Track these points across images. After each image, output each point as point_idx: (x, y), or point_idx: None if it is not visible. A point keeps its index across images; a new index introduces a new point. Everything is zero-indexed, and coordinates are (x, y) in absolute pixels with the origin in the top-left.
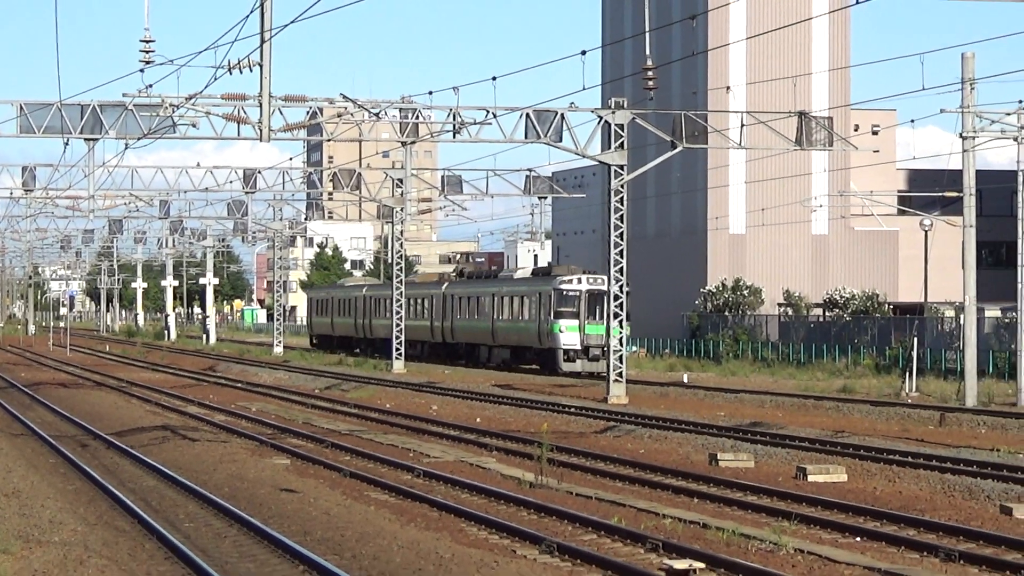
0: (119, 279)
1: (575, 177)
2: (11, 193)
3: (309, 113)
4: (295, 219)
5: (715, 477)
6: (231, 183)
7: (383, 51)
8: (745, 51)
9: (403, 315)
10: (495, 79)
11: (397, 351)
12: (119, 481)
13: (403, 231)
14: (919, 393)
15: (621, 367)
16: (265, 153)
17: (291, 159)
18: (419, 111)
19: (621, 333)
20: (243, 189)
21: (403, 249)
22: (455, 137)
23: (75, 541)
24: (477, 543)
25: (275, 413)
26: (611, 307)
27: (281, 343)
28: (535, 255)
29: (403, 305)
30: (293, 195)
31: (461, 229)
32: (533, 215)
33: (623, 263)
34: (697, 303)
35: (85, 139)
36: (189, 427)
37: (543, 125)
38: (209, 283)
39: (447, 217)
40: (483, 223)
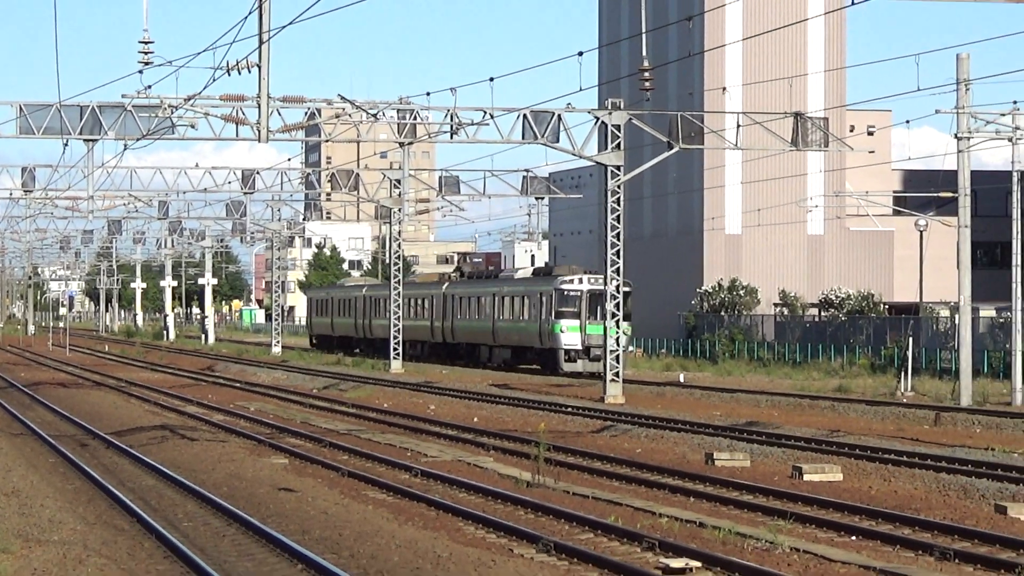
0: (118, 279)
1: (572, 178)
2: (11, 194)
3: (307, 114)
4: (293, 219)
5: (711, 476)
6: (230, 184)
7: (381, 52)
8: (741, 52)
9: (402, 315)
10: (492, 80)
11: (395, 351)
12: (118, 480)
13: (401, 231)
14: (914, 393)
15: (618, 367)
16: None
17: (289, 160)
18: (417, 112)
19: (618, 333)
20: (241, 190)
21: (401, 249)
22: (452, 138)
23: (74, 540)
24: (474, 542)
25: (273, 413)
26: (608, 307)
27: (279, 343)
28: (532, 255)
29: (403, 305)
30: (291, 196)
31: (458, 230)
32: (530, 215)
33: (620, 263)
34: (693, 303)
35: (84, 140)
36: (188, 427)
37: (540, 126)
38: (208, 283)
39: (444, 217)
40: (480, 223)
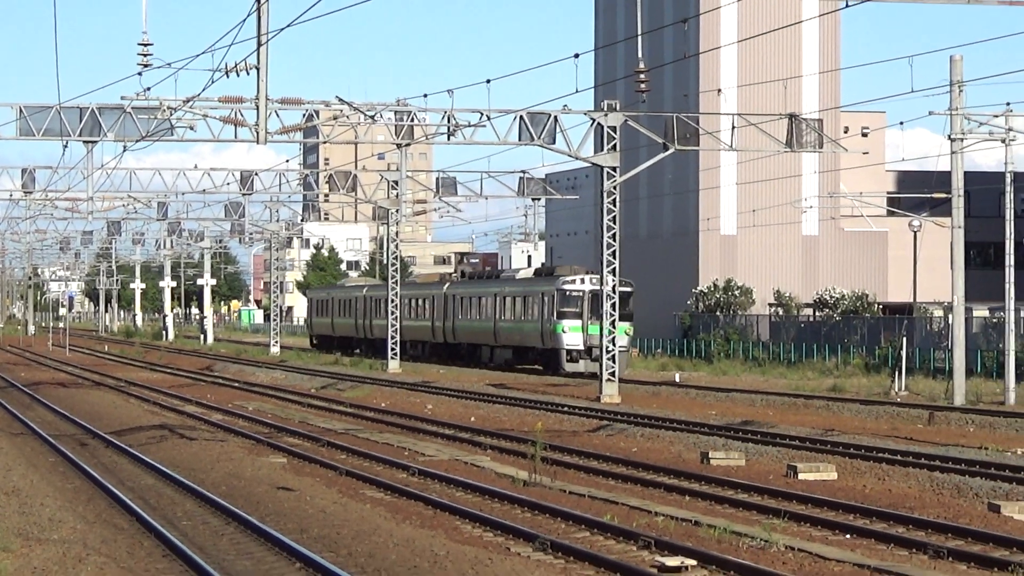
0: (118, 280)
1: (568, 179)
2: (11, 195)
3: (305, 116)
4: (291, 220)
5: (707, 475)
6: (228, 185)
7: (378, 54)
8: (736, 54)
9: (399, 315)
10: (489, 82)
11: (393, 351)
12: (118, 480)
13: (398, 232)
14: (908, 392)
15: (614, 367)
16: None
17: (287, 161)
18: (414, 114)
19: (613, 333)
20: (240, 191)
21: (398, 250)
22: (449, 139)
23: (74, 539)
24: (471, 541)
25: (272, 412)
26: (605, 307)
27: (278, 343)
28: (529, 256)
29: (402, 305)
30: (289, 197)
31: (456, 230)
32: (527, 216)
33: (616, 264)
34: (689, 303)
35: (84, 141)
36: (187, 426)
37: (536, 127)
38: (207, 284)
39: (442, 219)
40: (477, 224)
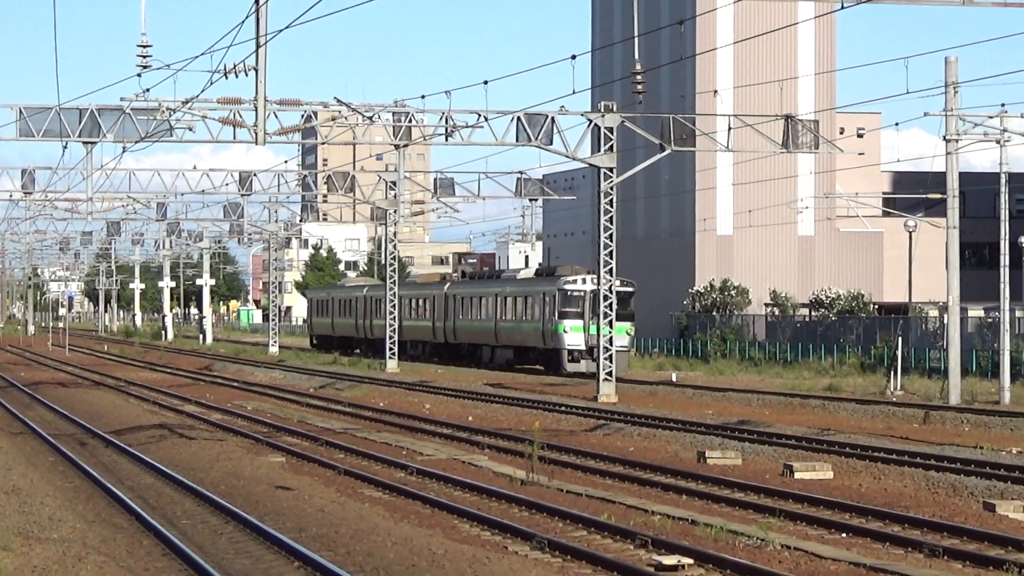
0: (117, 280)
1: (565, 179)
2: (11, 196)
3: (304, 117)
4: (290, 221)
5: (703, 474)
6: (227, 186)
7: (376, 56)
8: (732, 55)
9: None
10: (487, 83)
11: (391, 351)
12: (117, 479)
13: (396, 233)
14: (903, 392)
15: (611, 366)
16: (260, 156)
17: (286, 162)
18: (412, 115)
19: (610, 332)
20: (239, 191)
21: (396, 250)
22: (447, 140)
23: (74, 538)
24: (469, 539)
25: (270, 412)
26: (601, 307)
27: (276, 343)
28: (526, 256)
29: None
30: (288, 197)
31: (453, 231)
32: (524, 217)
33: (612, 264)
34: (685, 303)
35: (83, 142)
36: (186, 426)
37: (534, 128)
38: (206, 284)
39: (439, 219)
40: (475, 225)
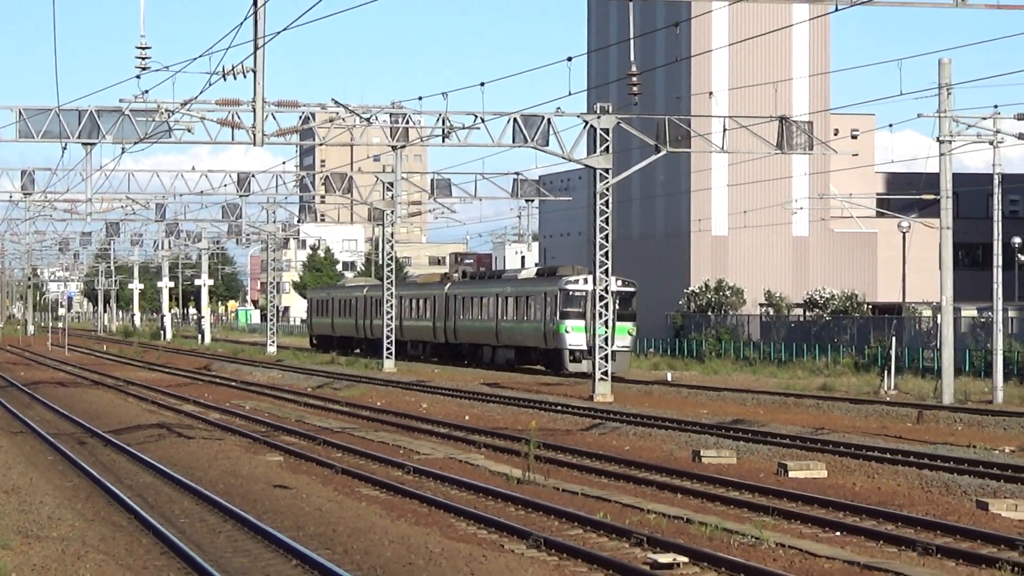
0: (116, 280)
1: (561, 180)
2: (10, 196)
3: (302, 118)
4: (288, 222)
5: (698, 473)
6: (225, 186)
7: (374, 58)
8: (727, 57)
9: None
10: (483, 85)
11: (388, 350)
12: (116, 478)
13: (393, 233)
14: (897, 391)
15: (606, 366)
16: (259, 157)
17: (284, 163)
18: (409, 116)
19: (606, 332)
20: (237, 192)
21: (393, 251)
22: (444, 141)
23: (73, 536)
24: (466, 538)
25: (268, 411)
26: (597, 307)
27: (274, 343)
28: (523, 257)
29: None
30: (286, 198)
31: (450, 231)
32: (520, 217)
33: (608, 264)
34: (680, 303)
35: (83, 143)
36: (185, 425)
37: (530, 129)
38: (204, 284)
39: (436, 220)
40: (471, 225)
